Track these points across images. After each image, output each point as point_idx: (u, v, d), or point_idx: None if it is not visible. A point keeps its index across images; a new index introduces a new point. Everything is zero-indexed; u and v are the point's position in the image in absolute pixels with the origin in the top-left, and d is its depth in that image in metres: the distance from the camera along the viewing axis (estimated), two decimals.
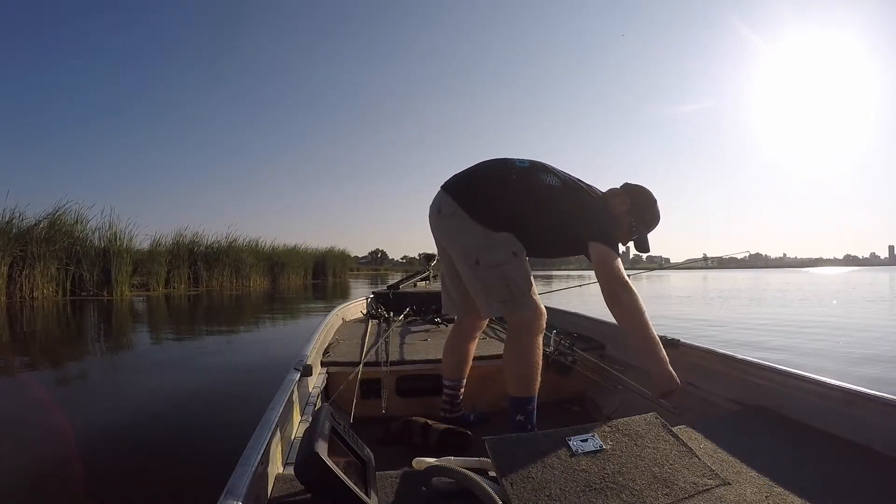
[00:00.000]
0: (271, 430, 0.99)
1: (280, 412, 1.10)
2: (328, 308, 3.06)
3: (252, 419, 1.03)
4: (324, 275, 24.08)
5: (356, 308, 3.50)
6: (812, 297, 11.89)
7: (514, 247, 1.43)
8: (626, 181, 1.62)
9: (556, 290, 4.16)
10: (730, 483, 0.91)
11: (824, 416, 1.16)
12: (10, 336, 5.81)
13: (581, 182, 1.53)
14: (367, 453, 1.00)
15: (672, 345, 1.71)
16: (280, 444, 1.10)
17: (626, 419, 1.11)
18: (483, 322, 1.73)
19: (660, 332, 1.79)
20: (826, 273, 49.23)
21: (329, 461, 0.80)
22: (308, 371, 1.53)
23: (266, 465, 0.92)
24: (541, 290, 1.66)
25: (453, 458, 1.02)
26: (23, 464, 1.92)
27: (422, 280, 5.00)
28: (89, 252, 11.76)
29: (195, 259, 15.43)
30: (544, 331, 1.46)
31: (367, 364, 1.86)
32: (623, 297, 1.36)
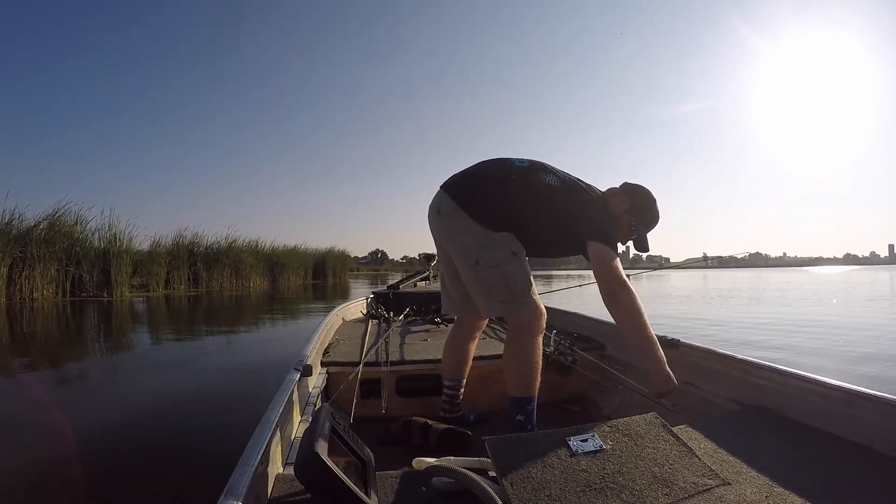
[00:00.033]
0: (271, 430, 0.99)
1: (280, 412, 1.10)
2: (328, 308, 3.06)
3: (252, 419, 1.04)
4: (324, 275, 24.07)
5: (356, 308, 3.50)
6: (812, 296, 11.89)
7: (514, 247, 1.43)
8: (625, 181, 1.62)
9: (555, 290, 4.16)
10: (730, 483, 0.91)
11: (824, 416, 1.16)
12: (10, 337, 5.81)
13: (580, 181, 1.53)
14: (367, 453, 1.00)
15: (672, 345, 1.71)
16: (280, 444, 1.10)
17: (626, 419, 1.11)
18: (483, 322, 1.73)
19: (660, 332, 1.79)
20: (826, 272, 49.23)
21: (329, 461, 0.80)
22: (308, 371, 1.53)
23: (266, 465, 0.92)
24: (541, 290, 1.66)
25: (453, 458, 1.02)
26: (23, 464, 1.92)
27: (422, 280, 5.00)
28: (89, 253, 11.75)
29: (195, 260, 15.42)
30: (544, 331, 1.46)
31: (367, 364, 1.85)
32: (621, 296, 1.36)
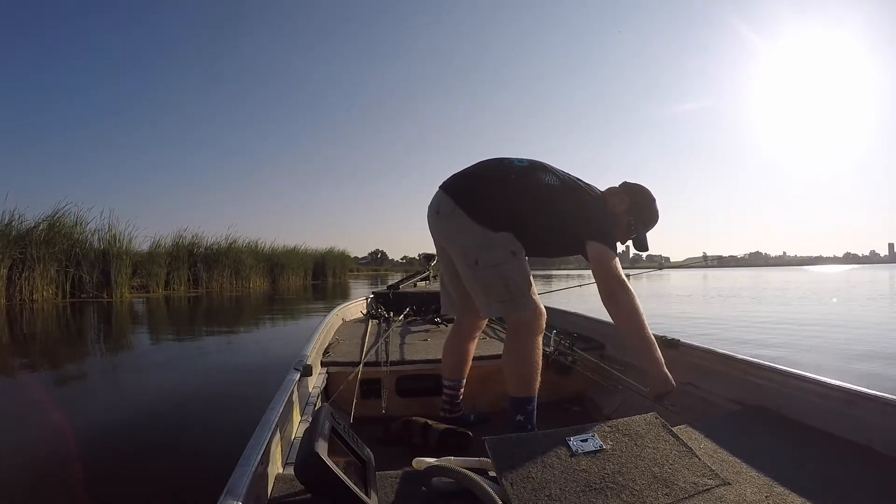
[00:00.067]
0: (271, 430, 0.99)
1: (280, 412, 1.10)
2: (328, 309, 3.06)
3: (252, 419, 1.04)
4: (323, 275, 24.06)
5: (356, 308, 3.50)
6: (812, 295, 11.89)
7: (513, 246, 1.43)
8: (624, 180, 1.62)
9: (555, 289, 4.16)
10: (730, 483, 0.91)
11: (824, 416, 1.16)
12: (10, 338, 5.81)
13: (580, 181, 1.53)
14: (367, 453, 1.00)
15: (672, 345, 1.71)
16: (280, 444, 1.10)
17: (626, 419, 1.11)
18: (482, 322, 1.73)
19: (660, 332, 1.79)
20: (826, 271, 49.21)
21: (329, 461, 0.80)
22: (308, 371, 1.53)
23: (266, 465, 0.92)
24: (540, 290, 1.66)
25: (453, 458, 1.02)
26: (23, 464, 1.92)
27: (422, 280, 4.99)
28: (89, 254, 11.74)
29: (195, 260, 15.40)
30: (544, 331, 1.46)
31: (367, 364, 1.85)
32: (620, 296, 1.35)
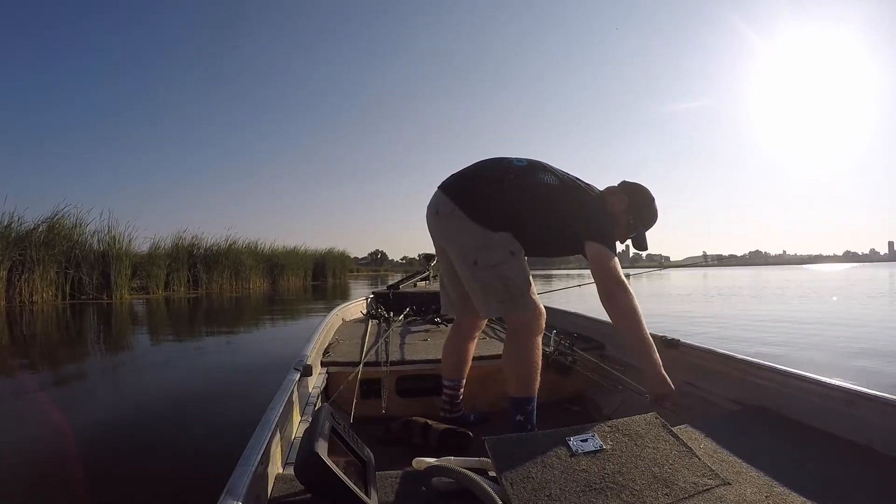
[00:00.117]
0: (271, 430, 0.99)
1: (280, 412, 1.10)
2: (328, 309, 3.06)
3: (252, 419, 1.04)
4: (323, 276, 24.05)
5: (356, 308, 3.50)
6: (812, 293, 11.89)
7: (512, 246, 1.43)
8: (623, 179, 1.62)
9: (555, 289, 4.16)
10: (730, 483, 0.91)
11: (824, 416, 1.15)
12: (10, 340, 5.81)
13: (579, 181, 1.52)
14: (367, 453, 1.00)
15: (672, 345, 1.71)
16: (280, 444, 1.10)
17: (626, 419, 1.11)
18: (482, 322, 1.73)
19: (660, 331, 1.79)
20: (826, 270, 49.18)
21: (329, 461, 0.80)
22: (308, 371, 1.53)
23: (266, 465, 0.92)
24: (540, 290, 1.66)
25: (453, 458, 1.02)
26: (23, 464, 1.92)
27: (422, 280, 4.99)
28: (88, 255, 11.73)
29: (195, 261, 15.40)
30: (544, 331, 1.46)
31: (367, 364, 1.85)
32: (619, 296, 1.35)
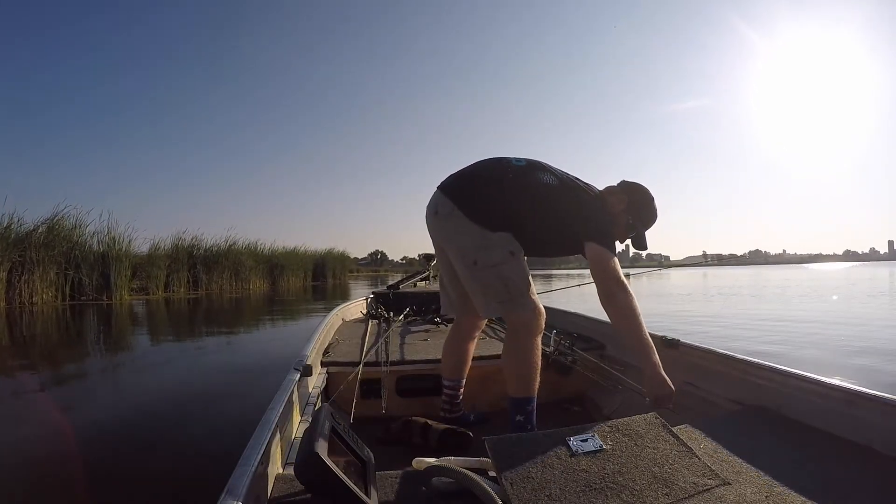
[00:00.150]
0: (271, 430, 0.99)
1: (280, 412, 1.10)
2: (328, 310, 3.06)
3: (252, 419, 1.04)
4: (323, 276, 24.06)
5: (356, 308, 3.50)
6: (812, 293, 11.88)
7: (512, 246, 1.42)
8: (623, 179, 1.62)
9: (555, 289, 4.16)
10: (730, 483, 0.91)
11: (824, 416, 1.15)
12: (10, 341, 5.81)
13: (578, 180, 1.52)
14: (367, 453, 1.00)
15: (672, 345, 1.71)
16: (280, 444, 1.10)
17: (626, 419, 1.11)
18: (482, 322, 1.73)
19: (661, 331, 1.78)
20: (826, 269, 49.12)
21: (329, 461, 0.80)
22: (308, 371, 1.53)
23: (266, 465, 0.92)
24: (540, 290, 1.66)
25: (453, 458, 1.02)
26: (23, 464, 1.92)
27: (422, 280, 4.99)
28: (88, 256, 11.73)
29: (194, 262, 15.40)
30: (543, 331, 1.46)
31: (367, 364, 1.85)
32: (618, 296, 1.35)
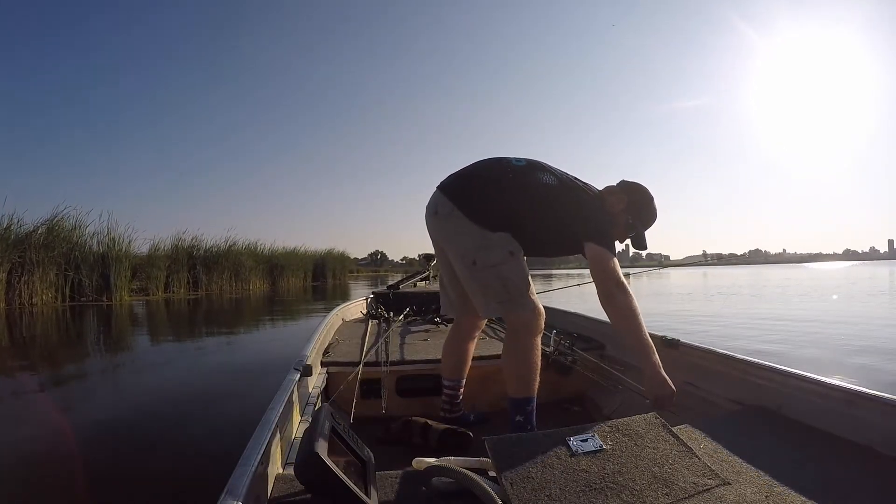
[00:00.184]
0: (271, 430, 0.99)
1: (280, 412, 1.10)
2: (328, 310, 3.07)
3: (252, 419, 1.04)
4: (323, 277, 24.07)
5: (356, 308, 3.50)
6: (812, 292, 11.87)
7: (511, 246, 1.42)
8: (622, 178, 1.62)
9: (555, 288, 4.16)
10: (730, 483, 0.91)
11: (824, 416, 1.15)
12: (10, 341, 5.80)
13: (578, 180, 1.52)
14: (367, 453, 1.00)
15: (672, 345, 1.71)
16: (280, 444, 1.10)
17: (626, 419, 1.11)
18: (482, 322, 1.73)
19: (661, 330, 1.78)
20: (826, 268, 49.07)
21: (329, 461, 0.80)
22: (308, 371, 1.53)
23: (266, 465, 0.92)
24: (540, 289, 1.65)
25: (453, 458, 1.01)
26: (23, 464, 1.92)
27: (422, 280, 5.00)
28: (88, 257, 11.72)
29: (194, 263, 15.41)
30: (543, 331, 1.46)
31: (367, 364, 1.85)
32: (618, 297, 1.35)
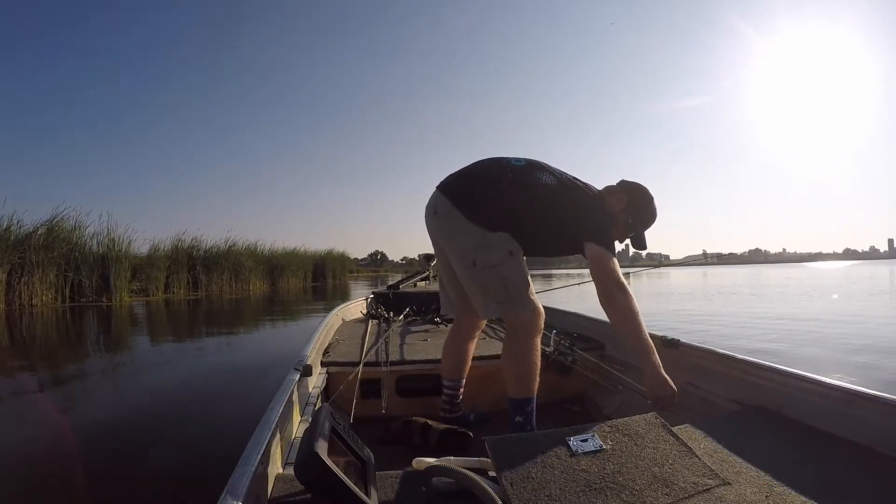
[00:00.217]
0: (271, 430, 0.99)
1: (280, 412, 1.10)
2: (328, 310, 3.07)
3: (252, 419, 1.04)
4: (323, 277, 24.06)
5: (356, 308, 3.50)
6: (812, 291, 11.86)
7: (511, 246, 1.42)
8: (622, 178, 1.62)
9: (555, 287, 4.17)
10: (730, 483, 0.91)
11: (824, 416, 1.15)
12: (10, 342, 5.80)
13: (577, 180, 1.52)
14: (367, 453, 1.00)
15: (672, 345, 1.71)
16: (280, 444, 1.10)
17: (626, 419, 1.11)
18: (482, 322, 1.73)
19: (660, 330, 1.79)
20: (826, 267, 49.02)
21: (329, 461, 0.80)
22: (308, 371, 1.53)
23: (266, 465, 0.92)
24: (540, 289, 1.65)
25: (453, 458, 1.01)
26: (23, 464, 1.93)
27: (422, 280, 5.00)
28: (88, 258, 11.70)
29: (194, 263, 15.39)
30: (543, 331, 1.45)
31: (367, 364, 1.85)
32: (618, 297, 1.35)
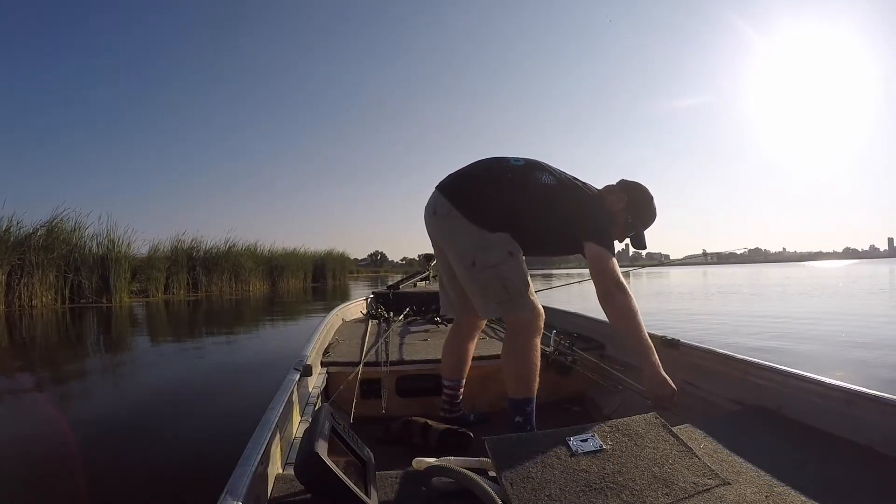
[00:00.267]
0: (271, 430, 0.99)
1: (280, 412, 1.10)
2: (328, 310, 3.07)
3: (252, 419, 1.04)
4: (323, 277, 24.05)
5: (356, 308, 3.50)
6: (812, 290, 11.86)
7: (510, 247, 1.42)
8: (622, 178, 1.62)
9: (555, 286, 4.17)
10: (730, 483, 0.91)
11: (824, 416, 1.15)
12: (10, 343, 5.80)
13: (577, 180, 1.52)
14: (367, 453, 1.00)
15: (672, 345, 1.71)
16: (280, 444, 1.10)
17: (626, 419, 1.11)
18: (482, 322, 1.73)
19: (660, 329, 1.79)
20: (826, 266, 48.98)
21: (329, 461, 0.80)
22: (308, 371, 1.53)
23: (266, 465, 0.92)
24: (540, 288, 1.65)
25: (453, 458, 1.01)
26: (23, 463, 1.93)
27: (422, 280, 5.00)
28: (87, 259, 11.70)
29: (194, 264, 15.38)
30: (543, 331, 1.45)
31: (367, 364, 1.85)
32: (617, 296, 1.35)
